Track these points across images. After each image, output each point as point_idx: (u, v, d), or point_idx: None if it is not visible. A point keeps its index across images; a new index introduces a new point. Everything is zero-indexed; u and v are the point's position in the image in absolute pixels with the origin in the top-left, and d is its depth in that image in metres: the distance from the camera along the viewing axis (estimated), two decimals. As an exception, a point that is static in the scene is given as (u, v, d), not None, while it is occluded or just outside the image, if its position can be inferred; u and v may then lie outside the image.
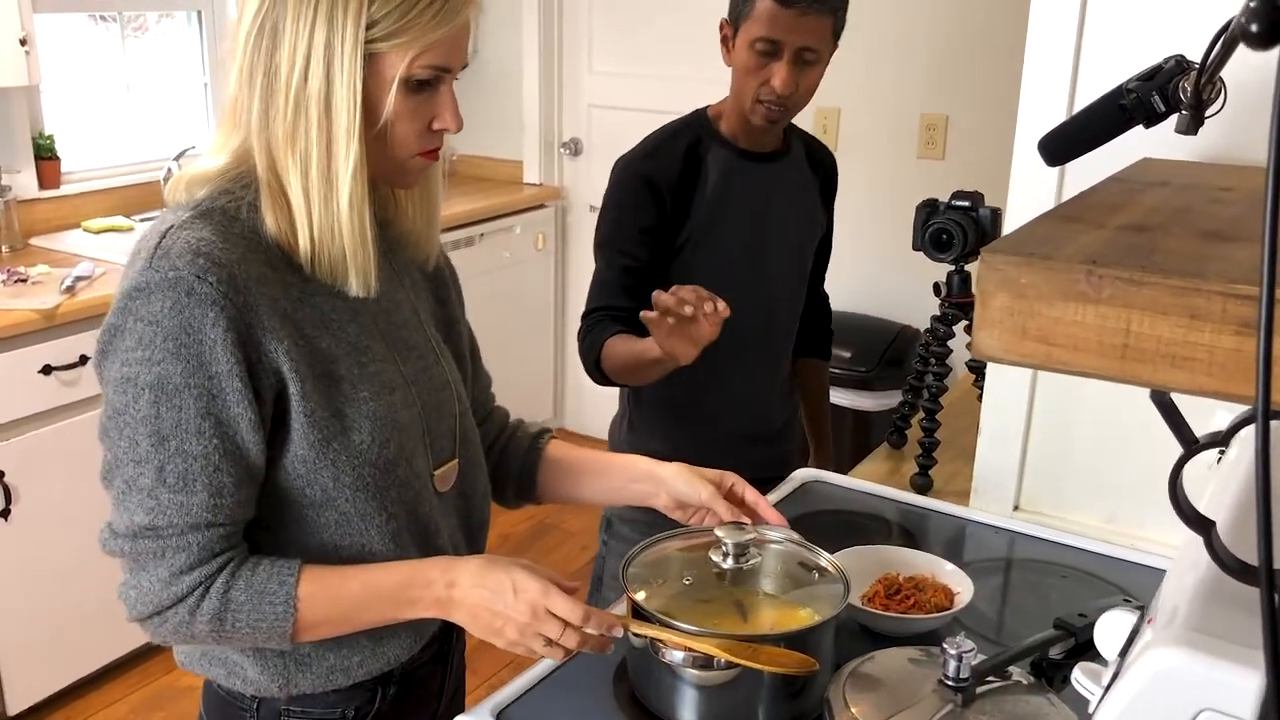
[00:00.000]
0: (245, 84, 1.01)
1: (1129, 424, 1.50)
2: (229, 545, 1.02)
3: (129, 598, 1.02)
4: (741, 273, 1.74)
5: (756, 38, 1.59)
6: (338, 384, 1.04)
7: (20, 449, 2.43)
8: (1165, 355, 0.71)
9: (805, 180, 1.82)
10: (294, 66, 0.98)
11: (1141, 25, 1.38)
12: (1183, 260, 0.74)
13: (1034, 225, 0.84)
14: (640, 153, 1.73)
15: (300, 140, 1.00)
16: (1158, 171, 1.13)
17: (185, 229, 0.98)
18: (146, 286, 0.96)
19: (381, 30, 0.98)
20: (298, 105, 0.99)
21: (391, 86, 1.01)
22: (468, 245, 3.71)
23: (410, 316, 1.17)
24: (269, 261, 1.02)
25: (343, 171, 1.00)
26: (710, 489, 1.24)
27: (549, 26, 4.00)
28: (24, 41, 2.64)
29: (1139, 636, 0.83)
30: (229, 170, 1.04)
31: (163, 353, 0.95)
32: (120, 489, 0.99)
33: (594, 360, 1.65)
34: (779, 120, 1.67)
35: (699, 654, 1.03)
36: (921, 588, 1.30)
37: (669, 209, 1.68)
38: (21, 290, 2.55)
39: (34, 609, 2.51)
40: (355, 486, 1.05)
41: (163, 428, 0.96)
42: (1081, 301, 0.72)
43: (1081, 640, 1.06)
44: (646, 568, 1.18)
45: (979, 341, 0.75)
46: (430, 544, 1.15)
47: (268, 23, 0.99)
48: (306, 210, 1.01)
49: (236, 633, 1.03)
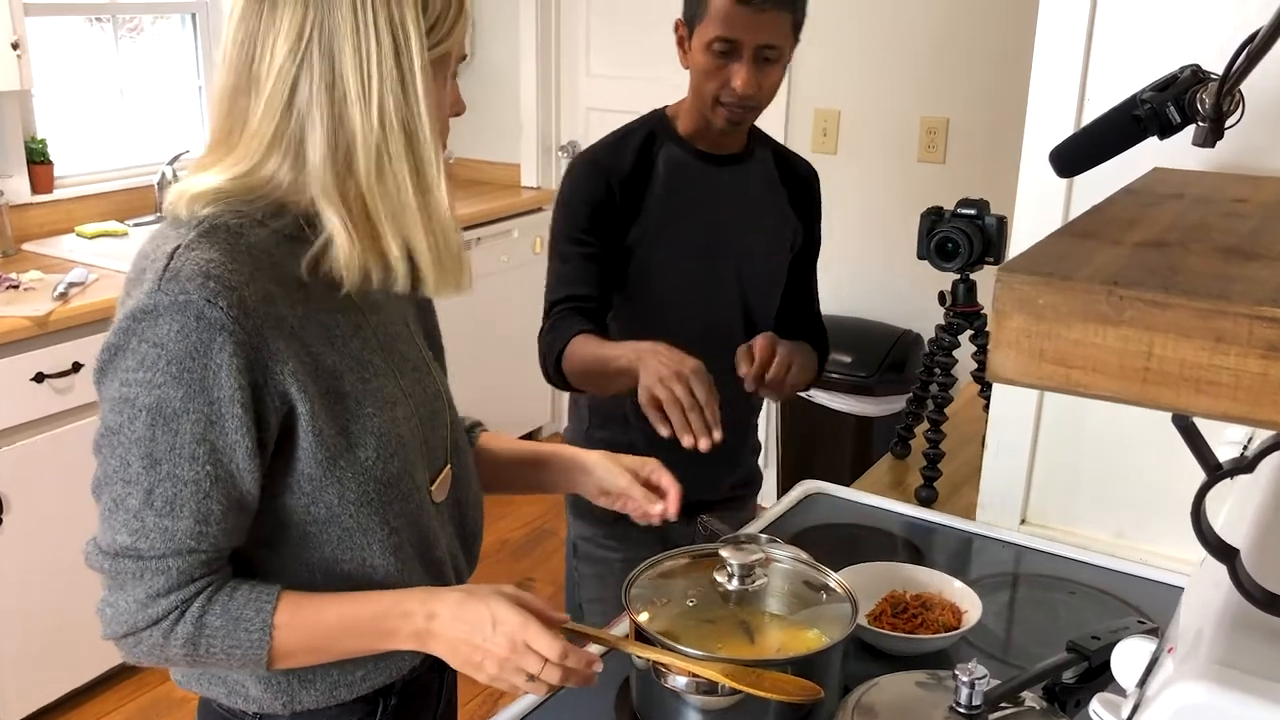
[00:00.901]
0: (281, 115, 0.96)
1: (1138, 436, 1.48)
2: (209, 571, 1.00)
3: (105, 615, 1.01)
4: (696, 278, 1.69)
5: (714, 38, 1.52)
6: (343, 400, 1.03)
7: (12, 458, 2.41)
8: (1189, 379, 0.69)
9: (770, 188, 1.74)
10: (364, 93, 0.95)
11: (1151, 33, 1.36)
12: (1206, 281, 0.72)
13: (1050, 242, 0.82)
14: (595, 150, 1.69)
15: (387, 168, 0.97)
16: (1170, 183, 1.10)
17: (193, 249, 0.95)
18: (155, 309, 0.93)
19: (439, 34, 0.99)
20: (386, 136, 0.96)
21: (447, 85, 1.03)
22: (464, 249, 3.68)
23: (402, 329, 1.17)
24: (275, 278, 0.99)
25: (436, 182, 0.99)
26: (628, 477, 1.26)
27: (546, 30, 3.98)
28: (15, 45, 2.61)
29: (1159, 666, 0.81)
30: (234, 193, 1.00)
31: (164, 376, 0.93)
32: (108, 505, 0.98)
33: (555, 359, 1.56)
34: (742, 121, 1.62)
35: (703, 679, 1.01)
36: (929, 606, 1.28)
37: (618, 200, 1.63)
38: (14, 297, 2.52)
39: (28, 618, 2.48)
40: (359, 502, 1.04)
41: (156, 451, 0.95)
42: (1102, 323, 0.70)
43: (1095, 664, 1.03)
44: (649, 588, 1.15)
45: (995, 363, 0.72)
46: (430, 555, 1.14)
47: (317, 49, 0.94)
48: (402, 231, 0.99)
49: (211, 658, 1.01)
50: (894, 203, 3.32)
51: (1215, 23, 1.30)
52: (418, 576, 1.12)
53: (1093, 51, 1.39)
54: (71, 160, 3.19)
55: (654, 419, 1.33)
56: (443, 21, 0.98)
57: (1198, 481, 0.75)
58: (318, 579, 1.06)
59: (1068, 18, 1.40)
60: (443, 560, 1.16)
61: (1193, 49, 1.28)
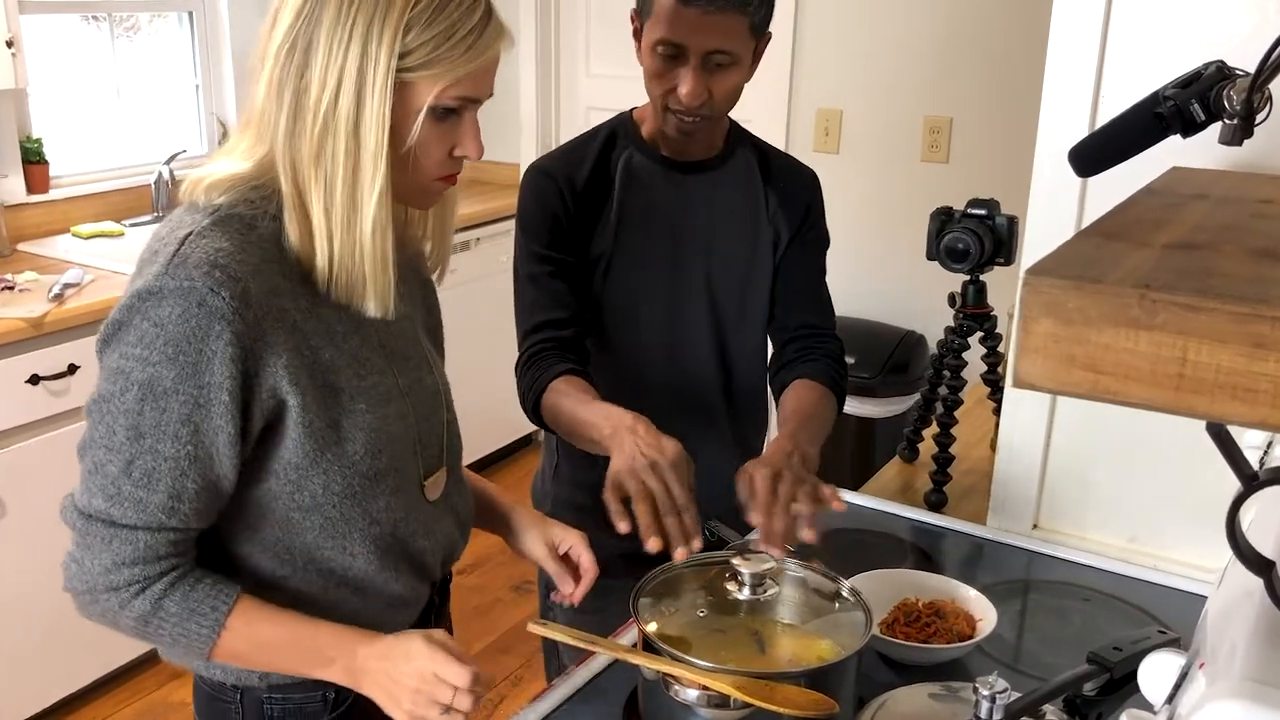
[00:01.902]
0: (274, 96, 1.01)
1: (1152, 440, 1.46)
2: (175, 552, 1.03)
3: (69, 570, 1.03)
4: (660, 296, 1.54)
5: (658, 40, 1.38)
6: (337, 395, 1.06)
7: (8, 461, 2.38)
8: (1225, 386, 0.66)
9: (748, 192, 1.57)
10: (324, 87, 0.99)
11: (1168, 30, 1.33)
12: (1242, 284, 0.69)
13: (1076, 244, 0.80)
14: (549, 158, 1.56)
15: (326, 161, 1.00)
16: (1192, 183, 1.08)
17: (204, 237, 0.99)
18: (160, 290, 0.96)
19: (415, 60, 1.00)
20: (325, 126, 1.00)
21: (419, 114, 1.02)
22: (464, 249, 3.66)
23: (407, 326, 1.19)
24: (283, 272, 1.03)
25: (368, 197, 1.01)
26: (544, 550, 1.28)
27: (546, 29, 3.96)
28: (10, 43, 2.59)
29: (1189, 681, 0.79)
30: (251, 178, 1.04)
31: (160, 355, 0.96)
32: (89, 467, 1.01)
33: (533, 404, 1.45)
34: (694, 131, 1.46)
35: (714, 693, 0.98)
36: (942, 614, 1.25)
37: (573, 211, 1.50)
38: (9, 298, 2.49)
39: (24, 623, 2.45)
40: (343, 494, 1.07)
41: (142, 425, 0.98)
42: (1134, 328, 0.67)
43: (1118, 676, 1.01)
44: (658, 596, 1.13)
45: (1021, 370, 0.70)
46: (413, 551, 1.16)
47: (300, 40, 1.00)
48: (327, 231, 1.02)
49: (158, 638, 1.05)
50: (897, 203, 3.29)
51: (1234, 19, 1.28)
52: (399, 570, 1.14)
53: (1108, 49, 1.36)
54: (67, 160, 3.16)
55: (614, 510, 1.18)
56: (419, 53, 1.00)
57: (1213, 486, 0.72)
58: (298, 565, 1.09)
59: (1082, 15, 1.37)
60: (429, 556, 1.18)
61: (1210, 46, 1.26)
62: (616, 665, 1.20)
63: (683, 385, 1.40)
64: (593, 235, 1.52)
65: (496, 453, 3.99)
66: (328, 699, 1.14)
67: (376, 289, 1.04)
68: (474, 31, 1.02)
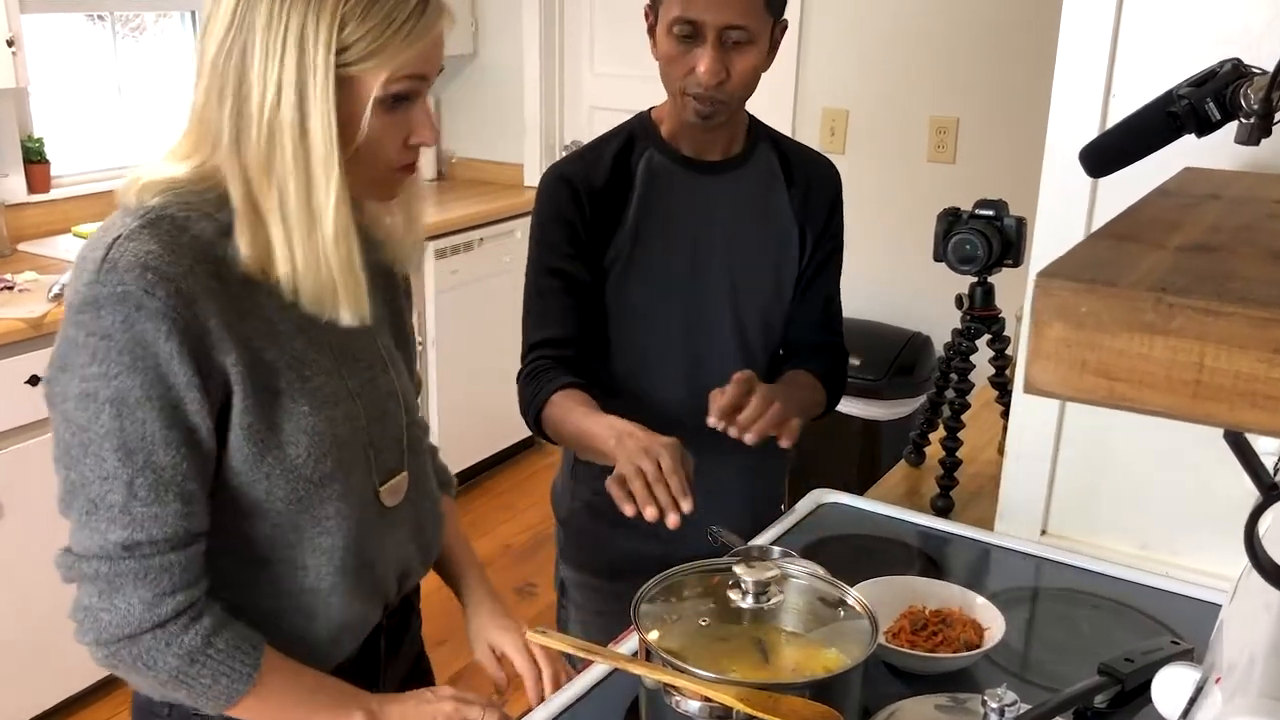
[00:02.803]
0: (214, 105, 0.99)
1: (1164, 444, 1.43)
2: (205, 571, 1.02)
3: (95, 621, 0.98)
4: (680, 298, 1.52)
5: (674, 19, 1.38)
6: (277, 397, 1.03)
7: (6, 461, 2.37)
8: (1244, 393, 0.64)
9: (770, 192, 1.56)
10: (265, 93, 0.96)
11: (1180, 28, 1.31)
12: (1261, 287, 0.67)
13: (1089, 246, 0.77)
14: (567, 161, 1.54)
15: (276, 169, 0.97)
16: (1205, 183, 1.06)
17: (132, 240, 0.95)
18: (95, 300, 0.94)
19: (355, 54, 0.97)
20: (271, 133, 0.97)
21: (367, 107, 0.99)
22: (467, 250, 3.64)
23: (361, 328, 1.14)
24: (217, 273, 0.99)
25: (325, 202, 0.98)
26: (485, 649, 1.29)
27: (550, 28, 3.94)
28: (10, 42, 2.57)
29: (1204, 696, 0.76)
30: (187, 182, 1.01)
31: (119, 367, 0.94)
32: (84, 509, 0.97)
33: (534, 416, 1.45)
34: (713, 115, 1.44)
35: (716, 704, 0.96)
36: (949, 622, 1.23)
37: (590, 216, 1.48)
38: (8, 298, 2.48)
39: (21, 625, 2.44)
40: (288, 499, 1.05)
41: (128, 441, 0.95)
42: (1149, 332, 0.65)
43: (1129, 688, 0.98)
44: (660, 605, 1.11)
45: (1033, 375, 0.68)
46: (367, 561, 1.13)
47: (236, 45, 0.97)
48: (286, 240, 0.99)
49: (198, 678, 1.01)
50: (903, 203, 3.27)
51: (1249, 13, 1.25)
52: (351, 588, 1.11)
53: (1119, 45, 1.34)
54: (68, 159, 3.15)
55: (617, 496, 1.21)
56: (360, 45, 0.97)
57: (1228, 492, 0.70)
58: (246, 579, 1.06)
59: (1094, 11, 1.35)
60: (383, 569, 1.16)
61: (1225, 43, 1.23)
62: (619, 673, 1.18)
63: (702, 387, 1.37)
64: (611, 238, 1.50)
65: (500, 454, 3.97)
66: None
67: (348, 296, 1.02)
68: (412, 16, 0.98)
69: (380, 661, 1.22)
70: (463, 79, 4.16)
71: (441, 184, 4.16)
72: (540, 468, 4.03)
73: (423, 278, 3.49)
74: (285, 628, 1.08)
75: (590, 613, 1.66)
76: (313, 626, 1.10)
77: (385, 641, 1.23)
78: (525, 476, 3.99)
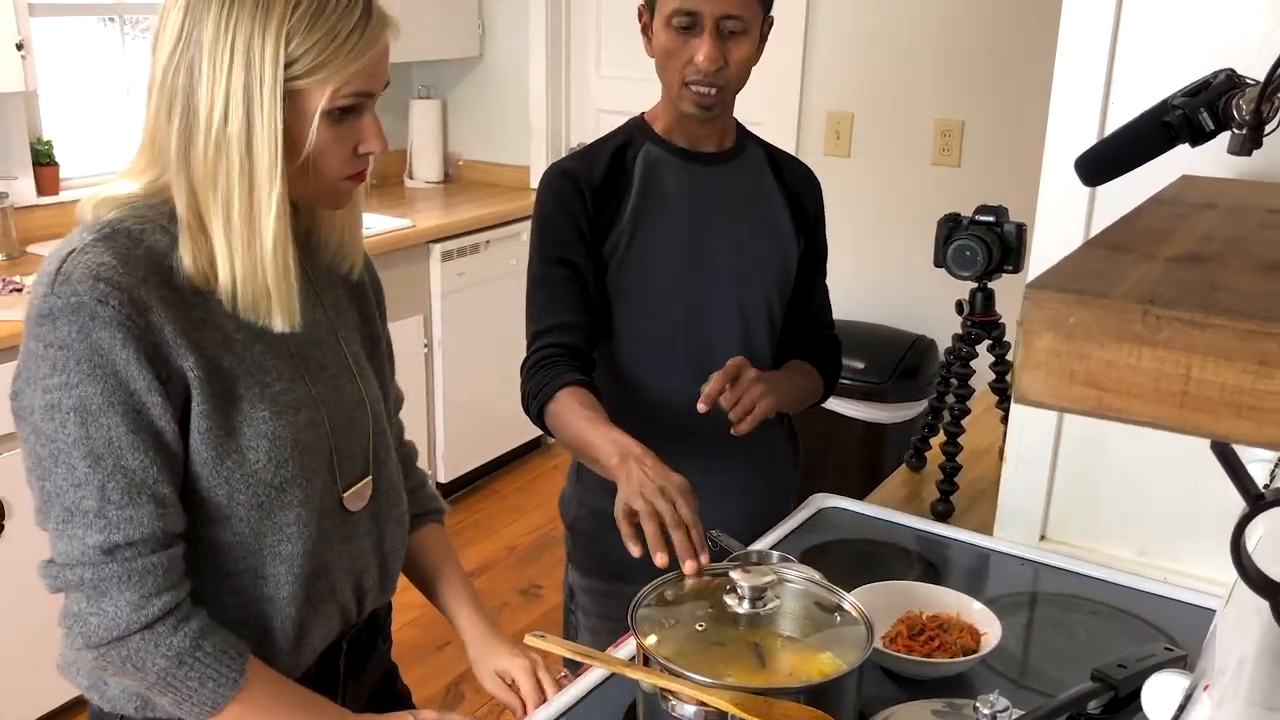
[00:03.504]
0: (163, 121, 1.01)
1: (1162, 452, 1.44)
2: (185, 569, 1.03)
3: (83, 625, 1.01)
4: (678, 282, 1.57)
5: (672, 12, 1.45)
6: (236, 403, 1.05)
7: (14, 464, 2.36)
8: (1230, 404, 0.65)
9: (764, 184, 1.63)
10: (213, 108, 0.98)
11: (1177, 38, 1.31)
12: (1248, 300, 0.68)
13: (1081, 256, 0.78)
14: (567, 160, 1.60)
15: (222, 181, 1.00)
16: (1201, 191, 1.06)
17: (86, 253, 0.98)
18: (50, 312, 0.96)
19: (301, 68, 0.99)
20: (219, 147, 0.99)
21: (314, 120, 1.01)
22: (474, 252, 3.66)
23: (325, 335, 1.17)
24: (169, 283, 1.02)
25: (265, 213, 1.01)
26: (494, 679, 1.28)
27: (556, 30, 3.95)
28: (20, 46, 2.59)
29: (1193, 703, 0.77)
30: (141, 197, 1.04)
31: (79, 376, 0.96)
32: (60, 518, 1.00)
33: (537, 411, 1.47)
34: (713, 105, 1.50)
35: (712, 709, 0.97)
36: (946, 628, 1.24)
37: (591, 209, 1.54)
38: (17, 300, 2.50)
39: (27, 626, 2.45)
40: (249, 505, 1.06)
41: (96, 448, 0.97)
42: (1136, 343, 0.66)
43: (1123, 694, 0.99)
44: (657, 610, 1.11)
45: (1023, 385, 0.69)
46: (325, 570, 1.14)
47: (183, 62, 0.99)
48: (228, 250, 1.02)
49: (184, 681, 1.02)
50: (908, 206, 3.27)
51: (1246, 25, 1.26)
52: (307, 591, 1.12)
53: (1117, 57, 1.34)
54: (77, 162, 3.16)
55: (626, 534, 1.20)
56: (306, 59, 0.99)
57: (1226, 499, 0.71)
58: (211, 588, 1.07)
59: (1091, 22, 1.35)
60: (340, 578, 1.16)
61: (1221, 53, 1.24)
62: (616, 677, 1.19)
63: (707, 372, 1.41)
64: (610, 229, 1.55)
65: (505, 456, 3.98)
66: None
67: (281, 303, 1.04)
68: (356, 29, 1.00)
69: (340, 680, 1.23)
70: (469, 82, 4.17)
71: (448, 186, 4.17)
72: (546, 470, 4.04)
73: (428, 280, 3.50)
74: (247, 639, 1.08)
75: (597, 617, 1.67)
76: (271, 637, 1.11)
77: (346, 661, 1.23)
78: (531, 479, 4.01)
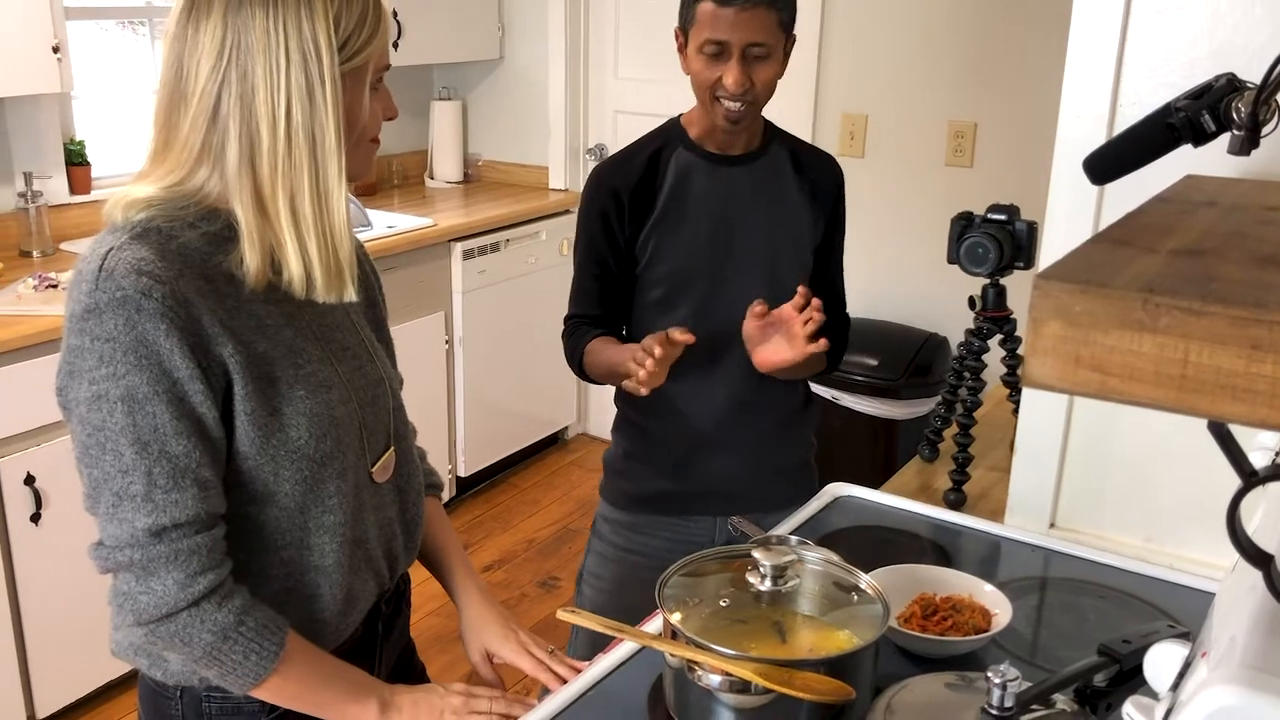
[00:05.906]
0: (214, 130, 1.05)
1: (1169, 440, 1.48)
2: (226, 549, 1.08)
3: (134, 604, 1.06)
4: (704, 271, 1.75)
5: (704, 40, 1.63)
6: (275, 384, 1.10)
7: (50, 454, 2.44)
8: (1225, 387, 0.70)
9: (785, 182, 1.79)
10: (275, 109, 1.03)
11: (1185, 42, 1.36)
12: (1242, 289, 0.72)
13: (1086, 250, 0.83)
14: (608, 162, 1.81)
15: (293, 174, 1.06)
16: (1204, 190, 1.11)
17: (125, 250, 1.02)
18: (96, 307, 1.00)
19: (352, 47, 1.07)
20: (289, 142, 1.04)
21: (365, 92, 1.10)
22: (493, 251, 3.71)
23: (343, 319, 1.23)
24: (204, 275, 1.07)
25: (335, 192, 1.07)
26: (481, 655, 1.36)
27: (575, 33, 4.00)
28: (56, 49, 2.66)
29: (1192, 670, 0.82)
30: (167, 200, 1.08)
31: (125, 366, 1.00)
32: (110, 503, 1.04)
33: (578, 363, 1.80)
34: (741, 119, 1.68)
35: (736, 678, 1.02)
36: (959, 609, 1.29)
37: (628, 214, 1.74)
38: (52, 296, 2.56)
39: (63, 612, 2.52)
40: (294, 480, 1.11)
41: (142, 435, 1.02)
42: (1138, 330, 0.71)
43: (1127, 668, 1.04)
44: (682, 588, 1.17)
45: (1030, 369, 0.74)
46: (363, 536, 1.21)
47: (233, 72, 1.03)
48: (298, 240, 1.07)
49: (229, 655, 1.07)
50: (921, 207, 3.32)
51: (1250, 31, 1.30)
52: (349, 558, 1.18)
53: (1125, 60, 1.39)
54: (109, 162, 3.24)
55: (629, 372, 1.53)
56: (356, 37, 1.07)
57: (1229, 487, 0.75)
58: (258, 564, 1.13)
59: (1100, 26, 1.40)
60: (374, 546, 1.23)
61: (1227, 58, 1.28)
62: (641, 653, 1.24)
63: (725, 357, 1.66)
64: (645, 223, 1.75)
65: (524, 450, 4.04)
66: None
67: (351, 273, 1.11)
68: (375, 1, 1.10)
69: (378, 642, 1.30)
70: (489, 83, 4.23)
71: (468, 186, 4.23)
72: (564, 465, 4.10)
73: (450, 278, 3.56)
74: (296, 608, 1.15)
75: (610, 545, 1.92)
76: (320, 604, 1.17)
77: (381, 626, 1.30)
78: (550, 473, 4.06)
